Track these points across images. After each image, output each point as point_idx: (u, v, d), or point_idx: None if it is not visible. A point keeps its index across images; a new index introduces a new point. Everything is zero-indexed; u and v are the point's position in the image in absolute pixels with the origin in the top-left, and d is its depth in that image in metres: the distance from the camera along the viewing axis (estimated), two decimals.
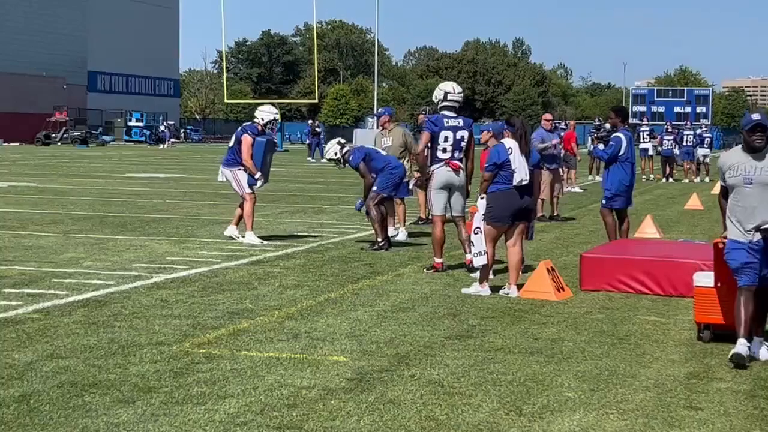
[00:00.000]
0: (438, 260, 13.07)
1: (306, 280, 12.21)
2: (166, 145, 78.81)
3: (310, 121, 62.89)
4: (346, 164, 16.06)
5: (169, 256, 14.06)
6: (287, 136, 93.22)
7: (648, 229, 18.33)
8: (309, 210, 22.27)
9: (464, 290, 11.68)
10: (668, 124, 44.88)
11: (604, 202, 15.12)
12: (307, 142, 59.17)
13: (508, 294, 11.45)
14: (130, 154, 62.21)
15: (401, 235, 16.73)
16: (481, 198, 11.74)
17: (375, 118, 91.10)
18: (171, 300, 10.71)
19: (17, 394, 6.94)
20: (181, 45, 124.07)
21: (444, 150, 13.05)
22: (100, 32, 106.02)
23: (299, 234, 17.26)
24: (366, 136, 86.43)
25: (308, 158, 55.20)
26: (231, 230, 16.05)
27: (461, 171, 13.13)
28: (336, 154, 16.02)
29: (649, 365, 8.27)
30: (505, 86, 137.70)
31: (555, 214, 21.23)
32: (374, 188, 15.59)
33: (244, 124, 16.43)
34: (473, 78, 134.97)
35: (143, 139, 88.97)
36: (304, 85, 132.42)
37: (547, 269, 11.52)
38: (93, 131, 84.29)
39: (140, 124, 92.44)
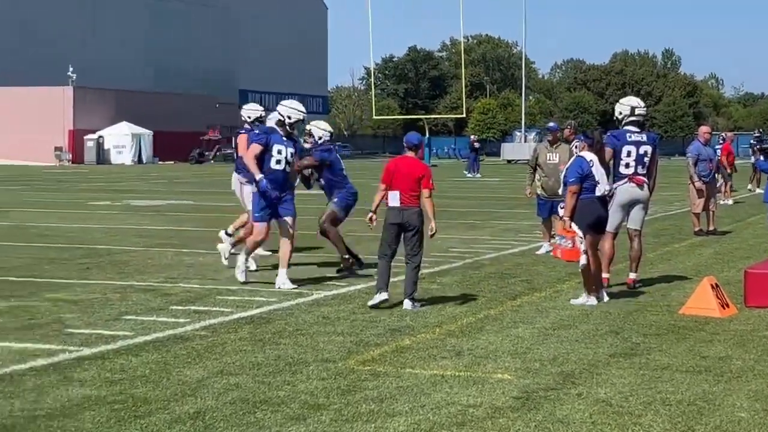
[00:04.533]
0: (605, 275, 12.90)
1: (464, 297, 12.21)
2: None
3: (473, 136, 62.94)
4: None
5: (328, 273, 14.22)
6: (434, 150, 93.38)
7: None
8: (461, 226, 22.26)
9: (572, 301, 11.80)
10: None
11: None
12: (466, 157, 59.25)
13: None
14: None
15: None
16: (561, 208, 11.94)
17: (531, 132, 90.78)
18: (333, 317, 10.84)
19: (192, 411, 7.10)
20: (329, 62, 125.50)
21: (627, 165, 12.99)
22: (250, 51, 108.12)
23: (454, 250, 17.27)
24: (513, 150, 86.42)
25: (465, 172, 55.14)
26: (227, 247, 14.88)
27: (645, 186, 13.04)
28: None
29: None
30: (655, 98, 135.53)
31: (712, 228, 20.79)
32: (335, 203, 14.69)
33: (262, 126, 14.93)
34: (621, 90, 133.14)
35: None
36: (450, 99, 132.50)
37: (711, 285, 11.30)
38: None
39: None
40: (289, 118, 13.36)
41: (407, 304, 11.34)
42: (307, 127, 14.94)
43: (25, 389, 7.64)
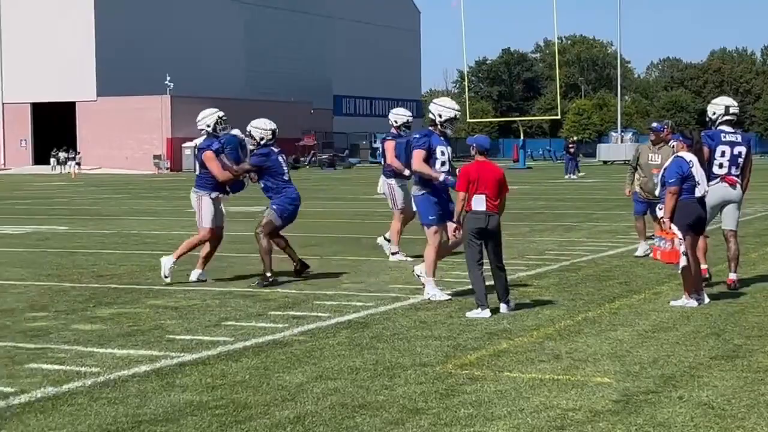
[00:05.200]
0: (703, 266, 12.77)
1: (562, 300, 12.14)
2: None
3: (573, 137, 62.61)
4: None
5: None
6: (529, 152, 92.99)
7: None
8: (558, 228, 22.13)
9: (672, 303, 11.68)
10: None
11: None
12: (564, 160, 58.95)
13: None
14: (376, 175, 63.34)
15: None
16: (660, 209, 11.81)
17: (627, 132, 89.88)
18: (430, 321, 10.85)
19: (292, 416, 7.17)
20: (422, 66, 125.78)
21: (720, 165, 12.84)
22: (344, 57, 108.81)
23: (551, 252, 17.17)
24: (610, 151, 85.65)
25: (565, 176, 54.83)
26: (194, 274, 14.33)
27: (737, 186, 12.88)
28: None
29: None
30: (754, 95, 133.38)
31: None
32: (273, 209, 14.31)
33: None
34: (719, 88, 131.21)
35: None
36: (544, 101, 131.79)
37: None
38: (339, 154, 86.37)
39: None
40: (440, 116, 12.65)
41: (503, 308, 11.31)
42: (248, 127, 14.62)
43: (129, 395, 7.78)
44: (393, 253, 16.36)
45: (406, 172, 15.03)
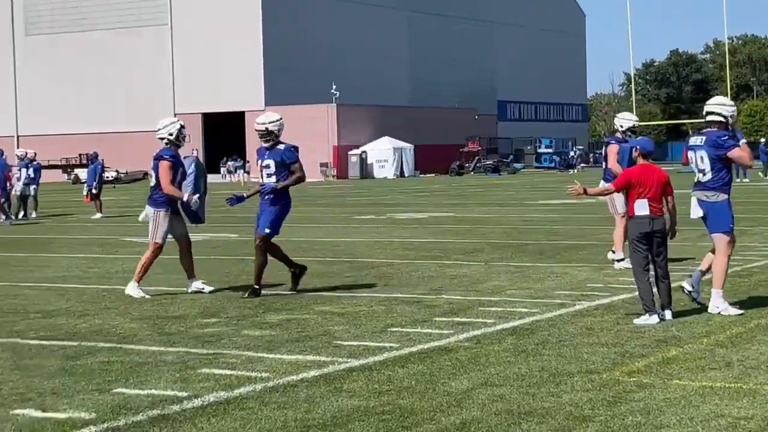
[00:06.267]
0: None
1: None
2: (576, 171, 79.23)
3: (762, 140, 61.21)
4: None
5: (589, 283, 14.10)
6: None
7: None
8: None
9: None
10: None
11: None
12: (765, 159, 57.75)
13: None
14: (541, 180, 63.04)
15: None
16: None
17: None
18: (596, 327, 10.73)
19: (458, 422, 7.19)
20: (588, 69, 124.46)
21: None
22: (508, 62, 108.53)
23: None
24: None
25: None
26: (195, 285, 14.09)
27: None
28: None
29: None
30: None
31: None
32: (269, 224, 13.77)
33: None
34: None
35: (552, 165, 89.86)
36: None
37: None
38: (504, 159, 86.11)
39: (549, 150, 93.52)
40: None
41: (669, 314, 11.11)
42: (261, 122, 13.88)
43: (298, 400, 7.92)
44: (618, 260, 15.60)
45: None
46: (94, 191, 33.95)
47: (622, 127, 16.12)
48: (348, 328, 10.99)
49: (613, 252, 15.82)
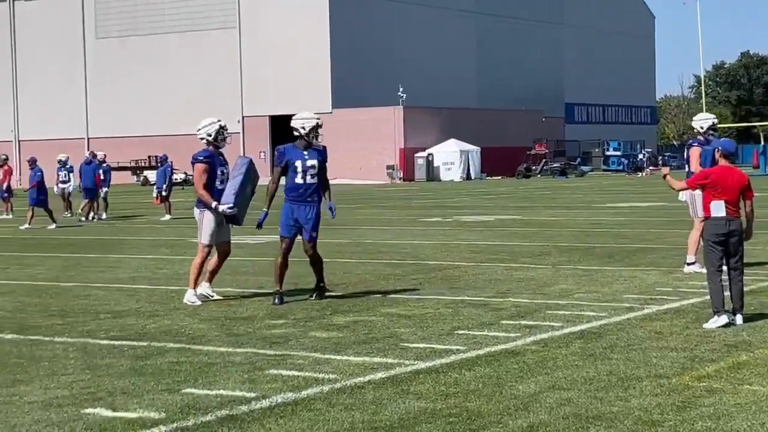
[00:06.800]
0: None
1: None
2: (644, 173, 78.59)
3: None
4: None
5: (658, 287, 13.98)
6: None
7: None
8: None
9: None
10: None
11: None
12: None
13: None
14: (608, 183, 62.60)
15: None
16: None
17: None
18: (665, 332, 10.64)
19: (525, 425, 7.17)
20: (657, 71, 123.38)
21: None
22: (576, 65, 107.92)
23: None
24: None
25: None
26: (206, 290, 13.71)
27: None
28: None
29: None
30: None
31: None
32: (317, 229, 13.51)
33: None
34: None
35: (621, 167, 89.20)
36: None
37: None
38: (571, 162, 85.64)
39: (617, 153, 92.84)
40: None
41: (740, 318, 10.98)
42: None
43: (365, 401, 7.94)
44: (689, 264, 15.47)
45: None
46: (163, 193, 34.31)
47: (702, 128, 15.95)
48: (415, 331, 11.00)
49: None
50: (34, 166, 32.00)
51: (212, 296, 13.64)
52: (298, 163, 13.21)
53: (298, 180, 13.21)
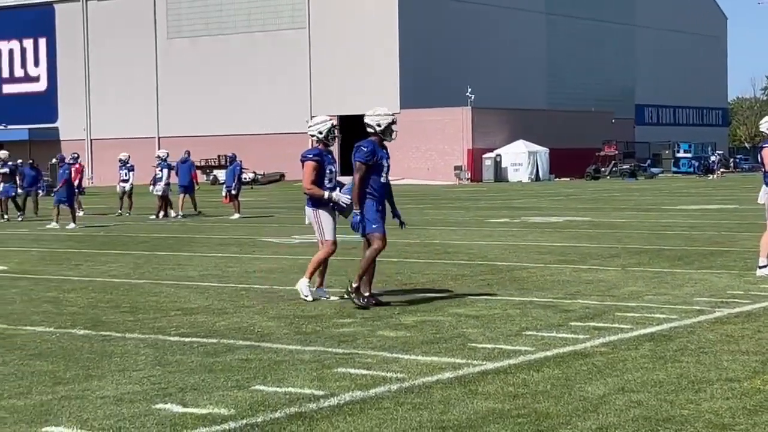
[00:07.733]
0: None
1: None
2: (715, 176, 77.75)
3: None
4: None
5: (729, 290, 13.83)
6: None
7: None
8: None
9: None
10: None
11: None
12: None
13: None
14: (679, 185, 62.01)
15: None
16: None
17: None
18: (737, 335, 10.53)
19: (594, 427, 7.13)
20: (729, 73, 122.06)
21: None
22: (646, 66, 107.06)
23: None
24: None
25: None
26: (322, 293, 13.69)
27: None
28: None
29: None
30: None
31: None
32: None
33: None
34: None
35: (691, 170, 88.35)
36: None
37: None
38: (641, 164, 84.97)
39: (688, 155, 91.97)
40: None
41: None
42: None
43: (433, 401, 7.94)
44: (761, 267, 15.18)
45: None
46: (233, 192, 34.63)
47: None
48: (482, 331, 10.98)
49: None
50: (63, 165, 32.29)
51: (327, 296, 13.60)
52: (384, 162, 13.16)
53: (383, 180, 13.10)
